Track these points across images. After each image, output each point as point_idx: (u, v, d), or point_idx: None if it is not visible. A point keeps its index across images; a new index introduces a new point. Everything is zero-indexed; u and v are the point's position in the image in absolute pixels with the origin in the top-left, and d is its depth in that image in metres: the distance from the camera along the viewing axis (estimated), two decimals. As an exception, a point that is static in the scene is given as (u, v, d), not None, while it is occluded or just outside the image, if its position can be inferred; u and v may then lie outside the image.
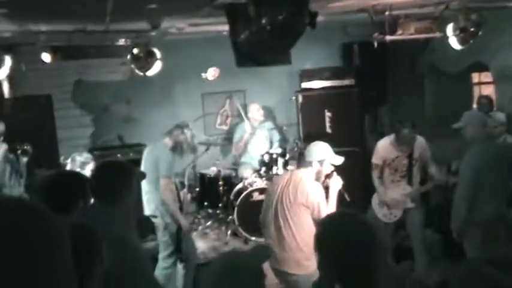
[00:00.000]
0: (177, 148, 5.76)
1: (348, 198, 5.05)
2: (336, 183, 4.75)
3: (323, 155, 4.72)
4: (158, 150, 5.76)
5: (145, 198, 5.75)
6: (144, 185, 5.73)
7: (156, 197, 5.64)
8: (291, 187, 4.58)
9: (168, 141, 5.77)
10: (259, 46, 4.40)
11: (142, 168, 5.77)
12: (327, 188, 4.70)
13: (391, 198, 6.16)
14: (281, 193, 4.62)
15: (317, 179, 4.67)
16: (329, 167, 4.73)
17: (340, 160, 4.80)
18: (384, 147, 6.31)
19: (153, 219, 5.79)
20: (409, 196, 6.14)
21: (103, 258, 2.38)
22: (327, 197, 4.64)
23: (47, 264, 0.95)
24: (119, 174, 3.35)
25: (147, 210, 5.79)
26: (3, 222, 0.94)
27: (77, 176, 3.51)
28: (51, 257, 0.96)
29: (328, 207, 4.58)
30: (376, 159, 6.32)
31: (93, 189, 3.25)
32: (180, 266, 5.85)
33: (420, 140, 6.25)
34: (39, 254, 0.94)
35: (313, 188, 4.56)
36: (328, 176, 4.74)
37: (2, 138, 5.64)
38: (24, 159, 5.78)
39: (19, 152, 5.67)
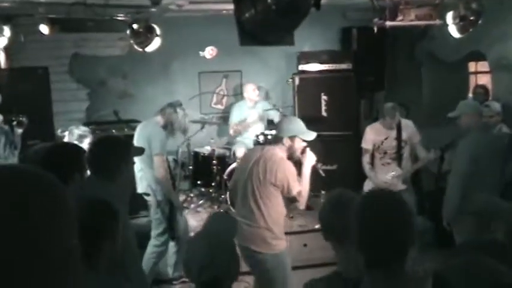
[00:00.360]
0: (167, 127, 5.76)
1: (322, 174, 5.07)
2: (309, 159, 4.69)
3: (294, 131, 4.62)
4: (151, 127, 5.75)
5: (138, 175, 5.75)
6: (137, 162, 5.74)
7: (149, 174, 5.65)
8: (261, 164, 4.49)
9: (160, 119, 5.76)
10: (264, 25, 4.39)
11: (135, 145, 5.78)
12: (300, 164, 4.64)
13: (382, 181, 6.22)
14: (251, 170, 4.53)
15: (290, 155, 4.59)
16: (300, 143, 4.64)
17: (312, 136, 4.69)
18: (372, 130, 6.42)
19: (146, 197, 5.81)
20: (400, 178, 6.20)
21: (116, 238, 2.43)
22: (300, 173, 4.59)
23: (48, 228, 0.95)
24: (117, 149, 3.37)
25: (140, 188, 5.80)
26: (10, 184, 0.95)
27: (74, 148, 3.53)
28: (53, 221, 0.97)
29: (302, 184, 4.55)
30: (365, 144, 6.41)
31: (90, 163, 3.27)
32: (172, 244, 5.88)
33: (408, 122, 6.39)
34: (41, 217, 0.95)
35: (282, 166, 4.47)
36: (301, 152, 4.66)
37: None
38: (19, 131, 5.74)
39: (14, 123, 5.62)
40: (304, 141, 4.63)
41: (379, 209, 1.98)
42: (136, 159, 5.68)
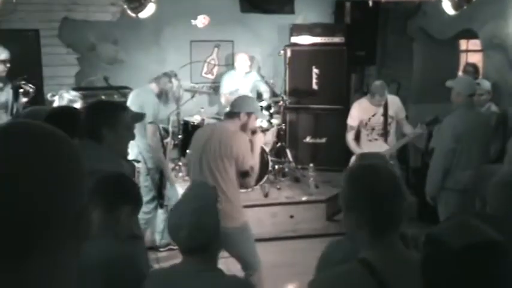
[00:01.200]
0: (162, 96, 5.75)
1: (268, 158, 5.13)
2: (259, 140, 4.77)
3: (252, 107, 4.65)
4: (144, 95, 5.74)
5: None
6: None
7: (141, 142, 5.66)
8: (215, 139, 4.51)
9: (154, 87, 5.75)
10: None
11: None
12: (250, 142, 4.67)
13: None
14: (205, 146, 4.54)
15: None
16: (254, 122, 4.71)
17: (264, 117, 4.81)
18: (359, 107, 6.45)
19: (136, 164, 5.81)
20: (386, 153, 6.25)
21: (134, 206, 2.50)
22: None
23: (63, 186, 0.95)
24: (99, 113, 3.36)
25: (131, 155, 5.80)
26: (26, 140, 0.95)
27: (73, 112, 3.53)
28: (68, 180, 0.96)
29: (254, 168, 4.62)
30: (351, 121, 6.42)
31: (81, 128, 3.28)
32: (160, 211, 5.91)
33: (394, 98, 6.46)
34: (58, 176, 0.95)
35: (237, 139, 4.51)
36: (253, 133, 4.72)
37: (8, 65, 5.51)
38: (24, 100, 5.65)
39: (21, 90, 5.55)
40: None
41: (377, 178, 2.00)
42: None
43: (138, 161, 5.72)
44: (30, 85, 5.51)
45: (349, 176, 2.09)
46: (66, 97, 5.20)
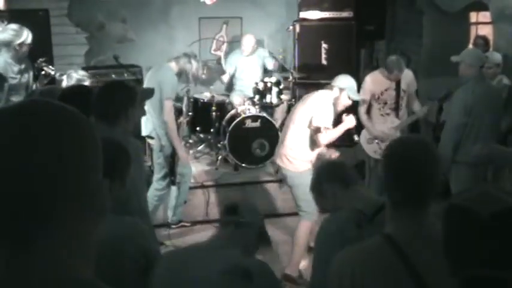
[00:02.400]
0: (181, 75, 5.79)
1: (356, 139, 5.44)
2: (349, 121, 5.29)
3: (346, 85, 5.17)
4: (163, 72, 5.77)
5: (144, 118, 5.80)
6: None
7: (156, 118, 5.70)
8: (305, 98, 5.37)
9: (174, 66, 5.78)
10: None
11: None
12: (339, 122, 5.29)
13: (381, 131, 6.25)
14: (300, 101, 5.46)
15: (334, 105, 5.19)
16: (346, 100, 5.19)
17: (357, 97, 5.37)
18: (372, 81, 6.37)
19: (149, 140, 5.86)
20: (397, 128, 6.24)
21: (125, 179, 2.52)
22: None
23: (81, 161, 0.98)
24: (119, 95, 3.38)
25: (144, 131, 5.85)
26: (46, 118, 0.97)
27: (87, 91, 3.55)
28: (85, 155, 1.00)
29: (329, 132, 5.12)
30: (364, 94, 6.37)
31: (94, 108, 3.29)
32: (173, 188, 5.96)
33: (407, 71, 6.36)
34: (76, 151, 0.98)
35: (319, 102, 5.16)
36: (346, 113, 5.30)
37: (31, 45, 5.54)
38: (44, 82, 5.68)
39: (43, 72, 5.58)
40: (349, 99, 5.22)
41: (413, 151, 2.01)
42: (143, 101, 5.73)
43: (152, 138, 5.77)
44: (51, 67, 5.53)
45: (387, 149, 2.12)
46: (74, 76, 5.22)
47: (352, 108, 5.64)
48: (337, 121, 5.35)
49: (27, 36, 5.39)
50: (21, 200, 0.92)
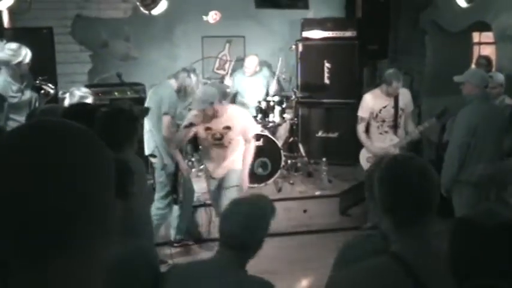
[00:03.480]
0: (181, 91, 5.79)
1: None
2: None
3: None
4: (163, 89, 5.79)
5: (146, 136, 5.80)
6: (146, 123, 5.79)
7: (158, 137, 5.70)
8: None
9: (173, 83, 5.80)
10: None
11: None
12: None
13: (380, 148, 6.23)
14: None
15: None
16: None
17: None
18: (371, 98, 6.38)
19: (152, 159, 5.85)
20: (396, 146, 6.22)
21: (129, 197, 2.52)
22: None
23: (95, 180, 0.97)
24: (122, 126, 3.38)
25: (147, 149, 5.84)
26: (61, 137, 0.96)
27: (87, 108, 3.55)
28: (98, 174, 0.98)
29: None
30: (362, 112, 6.38)
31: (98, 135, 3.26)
32: (176, 207, 5.94)
33: (404, 90, 6.37)
34: (91, 169, 0.96)
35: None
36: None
37: (30, 64, 5.54)
38: (44, 100, 5.67)
39: (42, 91, 5.57)
40: None
41: (411, 169, 1.99)
42: (146, 120, 5.74)
43: (154, 156, 5.76)
44: (50, 85, 5.53)
45: (382, 167, 2.08)
46: (77, 94, 5.23)
47: (351, 127, 5.61)
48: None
49: (25, 55, 5.39)
50: (43, 219, 0.90)
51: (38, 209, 0.90)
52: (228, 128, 5.44)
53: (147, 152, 5.84)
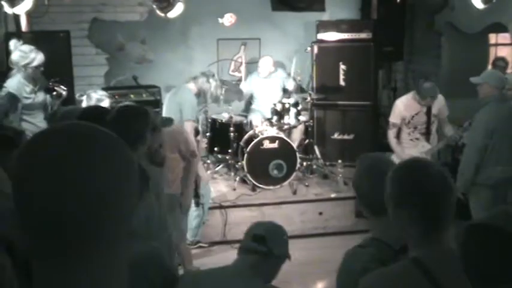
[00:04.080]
0: (200, 95, 5.82)
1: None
2: None
3: None
4: (182, 94, 5.81)
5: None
6: (165, 127, 5.82)
7: None
8: None
9: (193, 87, 5.83)
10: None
11: (164, 111, 5.86)
12: None
13: (410, 155, 6.18)
14: None
15: None
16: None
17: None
18: (404, 104, 6.31)
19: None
20: (428, 153, 6.17)
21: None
22: None
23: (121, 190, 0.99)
24: (134, 122, 3.39)
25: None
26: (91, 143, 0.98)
27: (102, 111, 3.57)
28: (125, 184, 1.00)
29: None
30: (394, 118, 6.32)
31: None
32: (193, 209, 5.97)
33: (440, 96, 6.29)
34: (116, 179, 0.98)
35: None
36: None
37: (42, 68, 5.62)
38: (57, 103, 5.73)
39: (54, 93, 5.62)
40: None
41: (427, 174, 1.98)
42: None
43: None
44: (63, 87, 5.58)
45: (398, 173, 2.06)
46: (94, 97, 5.28)
47: (367, 129, 5.58)
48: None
49: (33, 58, 5.48)
50: (73, 219, 0.92)
51: (69, 209, 0.92)
52: None
53: None
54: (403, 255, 2.10)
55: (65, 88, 5.54)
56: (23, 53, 5.47)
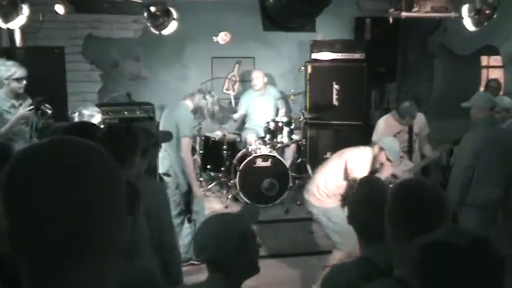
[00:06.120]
0: (197, 112, 5.83)
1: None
2: (385, 171, 5.41)
3: (387, 146, 5.32)
4: (180, 110, 5.82)
5: (160, 155, 5.83)
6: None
7: (173, 156, 5.73)
8: (350, 148, 5.58)
9: (189, 103, 5.83)
10: (287, 11, 4.37)
11: (161, 128, 5.86)
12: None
13: (394, 175, 6.21)
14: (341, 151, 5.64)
15: (372, 163, 5.36)
16: (384, 158, 5.34)
17: (396, 159, 5.45)
18: (386, 123, 6.41)
19: (166, 178, 5.87)
20: (411, 171, 6.21)
21: (137, 216, 2.50)
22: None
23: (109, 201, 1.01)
24: (125, 143, 3.38)
25: (161, 168, 5.87)
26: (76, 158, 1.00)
27: (92, 128, 3.56)
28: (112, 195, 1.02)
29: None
30: (376, 137, 6.39)
31: None
32: (186, 226, 5.95)
33: (420, 115, 6.39)
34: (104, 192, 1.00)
35: (359, 154, 5.40)
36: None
37: (25, 82, 5.62)
38: (42, 120, 5.70)
39: (39, 112, 5.59)
40: (387, 160, 5.35)
41: (428, 196, 1.99)
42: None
43: (168, 175, 5.78)
44: (48, 105, 5.56)
45: (396, 190, 2.08)
46: (85, 113, 5.27)
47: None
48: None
49: (14, 71, 5.49)
50: (61, 231, 0.94)
51: (58, 222, 0.94)
52: None
53: (160, 170, 5.86)
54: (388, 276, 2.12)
55: (50, 107, 5.52)
56: (4, 67, 5.49)
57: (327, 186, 5.43)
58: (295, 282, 5.70)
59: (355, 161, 5.30)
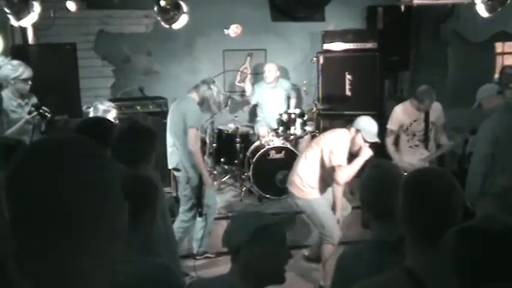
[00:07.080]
0: (204, 103, 5.82)
1: None
2: (366, 153, 5.25)
3: (363, 126, 5.25)
4: (186, 103, 5.81)
5: (169, 150, 5.83)
6: (170, 138, 5.82)
7: (182, 150, 5.73)
8: (328, 134, 5.54)
9: (195, 96, 5.82)
10: (295, 1, 4.31)
11: (169, 122, 5.87)
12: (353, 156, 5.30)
13: (409, 163, 6.16)
14: (321, 135, 5.64)
15: (350, 146, 5.27)
16: (361, 141, 5.22)
17: (373, 139, 5.27)
18: (402, 111, 6.34)
19: (176, 173, 5.88)
20: (426, 160, 6.16)
21: (156, 211, 2.50)
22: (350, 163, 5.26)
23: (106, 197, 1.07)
24: (143, 141, 3.39)
25: (170, 163, 5.87)
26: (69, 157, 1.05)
27: (106, 123, 3.57)
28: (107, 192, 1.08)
29: (348, 166, 5.23)
30: (392, 125, 6.33)
31: (116, 152, 3.22)
32: (199, 220, 5.95)
33: (436, 104, 6.31)
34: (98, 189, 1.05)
35: (336, 140, 5.30)
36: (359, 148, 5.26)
37: (30, 83, 5.66)
38: (41, 123, 5.68)
39: (38, 117, 5.56)
40: (365, 141, 5.23)
41: (439, 187, 1.97)
42: (169, 134, 5.79)
43: (178, 170, 5.78)
44: (45, 108, 5.55)
45: (405, 181, 2.06)
46: (100, 108, 5.29)
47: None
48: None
49: (22, 72, 5.51)
50: (58, 218, 1.00)
51: (55, 209, 1.00)
52: None
53: (170, 165, 5.86)
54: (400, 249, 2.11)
55: (48, 110, 5.53)
56: (12, 67, 5.51)
57: (310, 177, 5.41)
58: (313, 271, 5.71)
59: (332, 147, 5.25)
